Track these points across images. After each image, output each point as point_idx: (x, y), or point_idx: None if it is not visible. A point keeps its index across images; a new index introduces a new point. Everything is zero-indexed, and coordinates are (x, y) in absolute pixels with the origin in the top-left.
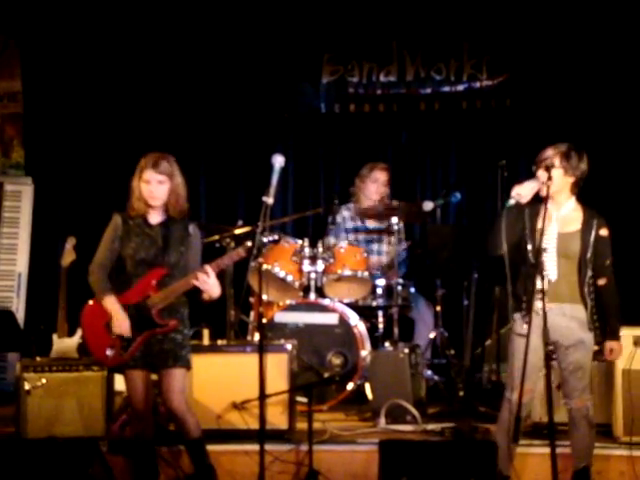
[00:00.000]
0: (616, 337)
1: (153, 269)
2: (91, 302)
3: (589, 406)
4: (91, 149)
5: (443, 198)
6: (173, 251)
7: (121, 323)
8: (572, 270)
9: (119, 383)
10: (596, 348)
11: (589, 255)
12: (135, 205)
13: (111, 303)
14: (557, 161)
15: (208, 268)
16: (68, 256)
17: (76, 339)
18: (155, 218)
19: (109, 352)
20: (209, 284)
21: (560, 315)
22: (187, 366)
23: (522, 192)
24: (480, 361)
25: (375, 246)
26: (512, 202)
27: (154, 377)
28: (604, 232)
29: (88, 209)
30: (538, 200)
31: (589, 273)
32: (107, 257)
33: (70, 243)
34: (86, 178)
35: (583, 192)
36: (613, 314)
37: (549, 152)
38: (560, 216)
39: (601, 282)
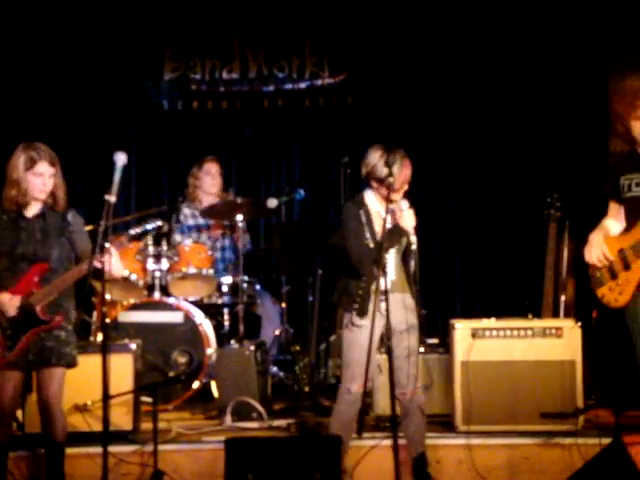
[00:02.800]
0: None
1: (35, 265)
2: None
3: (422, 395)
4: None
5: (287, 195)
6: (53, 244)
7: (6, 305)
8: (399, 261)
9: None
10: (435, 341)
11: (413, 246)
12: (20, 200)
13: None
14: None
15: (112, 249)
16: None
17: None
18: (32, 211)
19: None
20: (113, 263)
21: (394, 302)
22: (72, 363)
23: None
24: (325, 356)
25: (218, 244)
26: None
27: None
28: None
29: None
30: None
31: (412, 262)
32: None
33: None
34: None
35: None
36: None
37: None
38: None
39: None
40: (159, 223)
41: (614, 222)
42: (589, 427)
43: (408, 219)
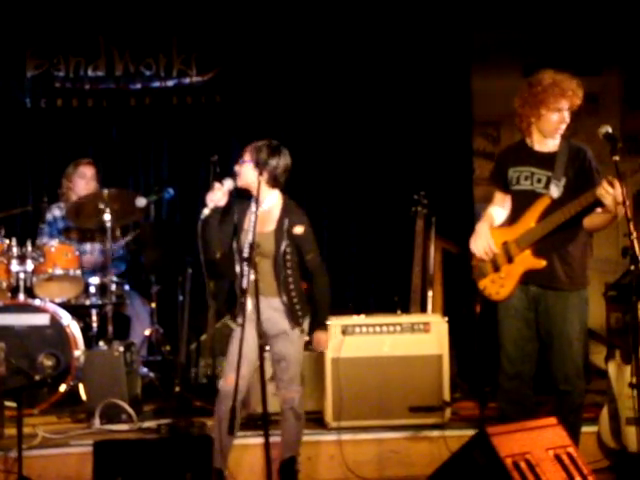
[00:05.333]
0: (323, 327)
1: None
2: None
3: (296, 398)
4: None
5: (156, 194)
6: None
7: None
8: (270, 268)
9: None
10: (306, 339)
11: (282, 254)
12: None
13: None
14: (247, 155)
15: None
16: None
17: None
18: None
19: None
20: None
21: (265, 307)
22: None
23: (214, 198)
24: (196, 356)
25: (88, 245)
26: (207, 212)
27: None
28: (299, 230)
29: None
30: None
31: (286, 271)
32: None
33: None
34: None
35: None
36: (321, 305)
37: (246, 148)
38: (260, 213)
39: (309, 270)
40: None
41: (499, 209)
42: (456, 419)
43: None
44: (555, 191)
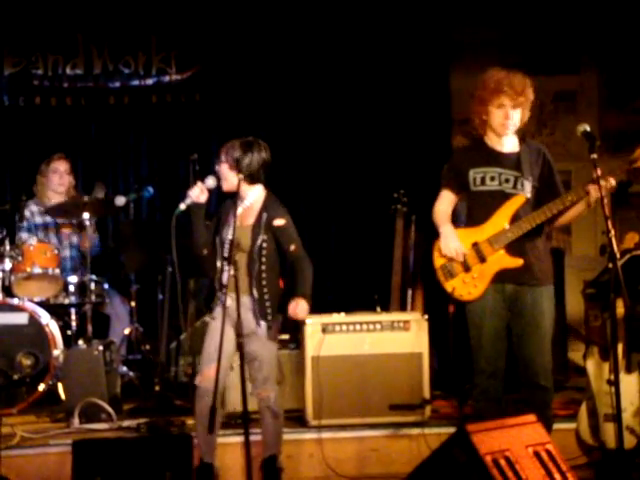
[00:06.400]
0: (305, 297)
1: None
2: None
3: (272, 397)
4: None
5: (135, 193)
6: None
7: None
8: (244, 262)
9: None
10: (286, 337)
11: (257, 248)
12: None
13: None
14: (222, 156)
15: None
16: None
17: None
18: None
19: None
20: None
21: (240, 306)
22: None
23: (193, 194)
24: (175, 355)
25: (66, 242)
26: (182, 207)
27: None
28: (279, 222)
29: None
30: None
31: (260, 267)
32: None
33: None
34: None
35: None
36: (305, 280)
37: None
38: (243, 209)
39: (291, 260)
40: None
41: (448, 210)
42: (436, 417)
43: None
44: (528, 191)
